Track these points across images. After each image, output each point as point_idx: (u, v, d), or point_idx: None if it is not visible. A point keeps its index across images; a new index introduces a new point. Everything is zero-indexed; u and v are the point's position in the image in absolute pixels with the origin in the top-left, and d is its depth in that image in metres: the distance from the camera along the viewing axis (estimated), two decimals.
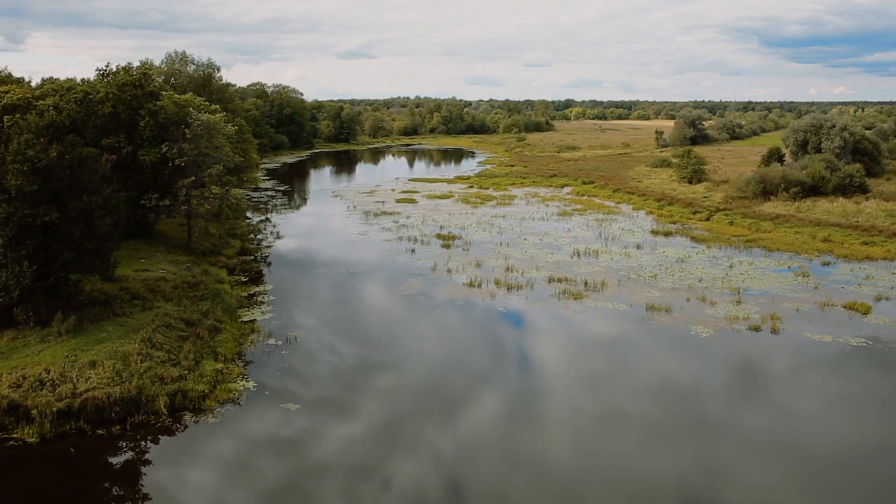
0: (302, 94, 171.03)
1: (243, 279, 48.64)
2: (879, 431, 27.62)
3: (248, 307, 42.00)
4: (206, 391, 28.72)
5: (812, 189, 79.05)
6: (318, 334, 37.70)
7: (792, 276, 49.94)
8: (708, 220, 74.02)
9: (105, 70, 50.32)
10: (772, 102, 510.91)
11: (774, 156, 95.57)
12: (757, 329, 38.53)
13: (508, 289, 46.33)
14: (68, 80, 62.46)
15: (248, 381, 30.76)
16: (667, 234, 65.85)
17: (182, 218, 55.08)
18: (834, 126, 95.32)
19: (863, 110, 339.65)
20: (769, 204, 76.23)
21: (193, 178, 50.05)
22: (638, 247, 59.51)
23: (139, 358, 29.43)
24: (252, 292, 45.31)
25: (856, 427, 27.90)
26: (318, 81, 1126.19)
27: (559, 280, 48.34)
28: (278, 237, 63.90)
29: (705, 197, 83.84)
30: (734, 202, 79.08)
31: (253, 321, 39.30)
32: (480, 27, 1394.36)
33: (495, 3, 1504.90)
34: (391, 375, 32.39)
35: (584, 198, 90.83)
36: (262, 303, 43.10)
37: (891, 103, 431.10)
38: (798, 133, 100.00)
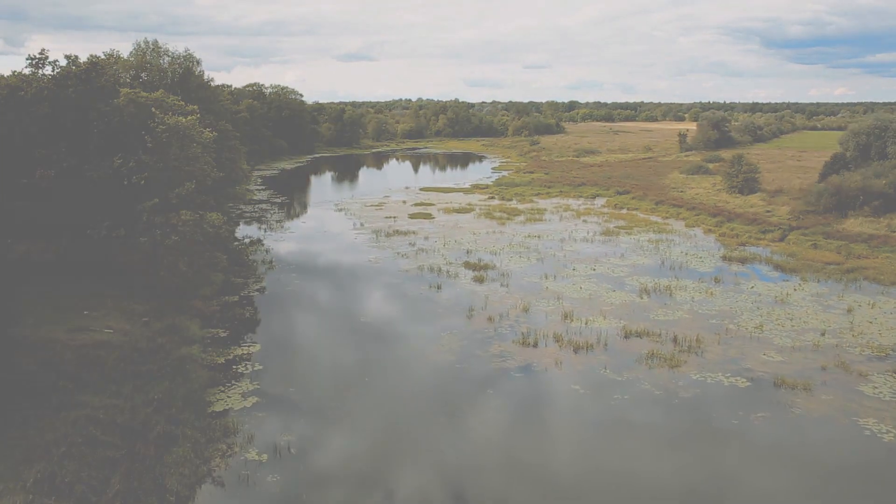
0: (302, 95, 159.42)
1: (222, 333, 36.84)
2: None
3: (223, 384, 30.21)
4: None
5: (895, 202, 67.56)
6: (324, 441, 25.79)
7: None
8: (782, 240, 62.39)
9: (39, 58, 38.17)
10: (777, 104, 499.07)
11: (839, 162, 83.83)
12: None
13: (575, 349, 34.57)
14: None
15: None
16: (742, 260, 54.18)
17: (148, 248, 43.34)
18: None
19: (872, 111, 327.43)
20: (851, 221, 64.61)
21: (157, 199, 38.39)
22: (716, 280, 47.83)
23: None
24: (232, 356, 33.54)
25: None
26: (318, 84, 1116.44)
27: (638, 334, 36.63)
28: (271, 267, 51.94)
29: (768, 211, 72.22)
30: (806, 218, 67.53)
31: (227, 412, 27.57)
32: (480, 29, 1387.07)
33: (495, 5, 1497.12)
34: None
35: (624, 211, 79.13)
36: (244, 375, 31.31)
37: (894, 104, 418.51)
38: (859, 136, 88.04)
